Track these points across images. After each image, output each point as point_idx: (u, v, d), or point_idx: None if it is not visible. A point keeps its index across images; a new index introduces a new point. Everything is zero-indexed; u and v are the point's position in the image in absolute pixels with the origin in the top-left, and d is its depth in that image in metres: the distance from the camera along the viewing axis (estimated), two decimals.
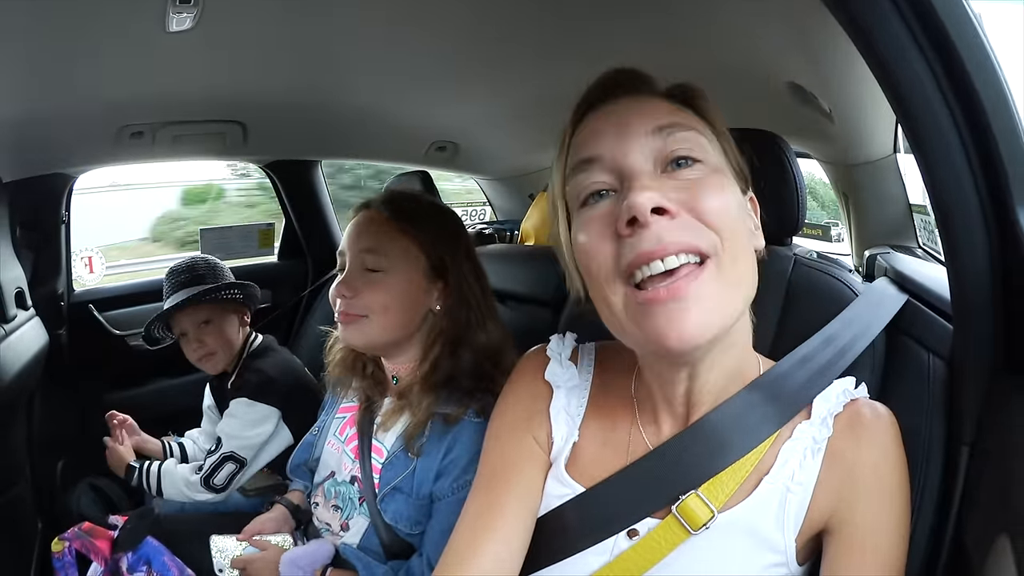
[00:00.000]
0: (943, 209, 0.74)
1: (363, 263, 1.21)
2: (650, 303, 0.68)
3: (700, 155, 0.72)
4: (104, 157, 2.20)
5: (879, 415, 0.80)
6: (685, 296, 0.67)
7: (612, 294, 0.72)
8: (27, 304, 1.86)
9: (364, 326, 1.20)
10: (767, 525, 0.76)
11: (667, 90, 0.80)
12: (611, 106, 0.77)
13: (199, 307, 1.80)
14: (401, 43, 1.58)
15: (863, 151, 1.63)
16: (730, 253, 0.69)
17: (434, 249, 1.24)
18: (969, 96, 0.68)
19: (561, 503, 0.85)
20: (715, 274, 0.69)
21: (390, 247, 1.22)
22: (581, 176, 0.74)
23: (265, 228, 2.79)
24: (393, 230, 1.23)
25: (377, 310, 1.19)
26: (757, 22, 1.32)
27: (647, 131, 0.71)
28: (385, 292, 1.19)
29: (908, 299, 0.98)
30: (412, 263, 1.22)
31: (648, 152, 0.71)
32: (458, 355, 1.21)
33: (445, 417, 1.15)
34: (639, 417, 0.86)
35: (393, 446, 1.21)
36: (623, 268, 0.70)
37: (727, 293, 0.70)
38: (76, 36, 1.32)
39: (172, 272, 1.87)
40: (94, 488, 1.80)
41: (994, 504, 0.70)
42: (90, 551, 1.34)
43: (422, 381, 1.20)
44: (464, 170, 3.07)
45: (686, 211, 0.69)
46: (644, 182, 0.69)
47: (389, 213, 1.25)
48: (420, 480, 1.15)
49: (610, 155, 0.72)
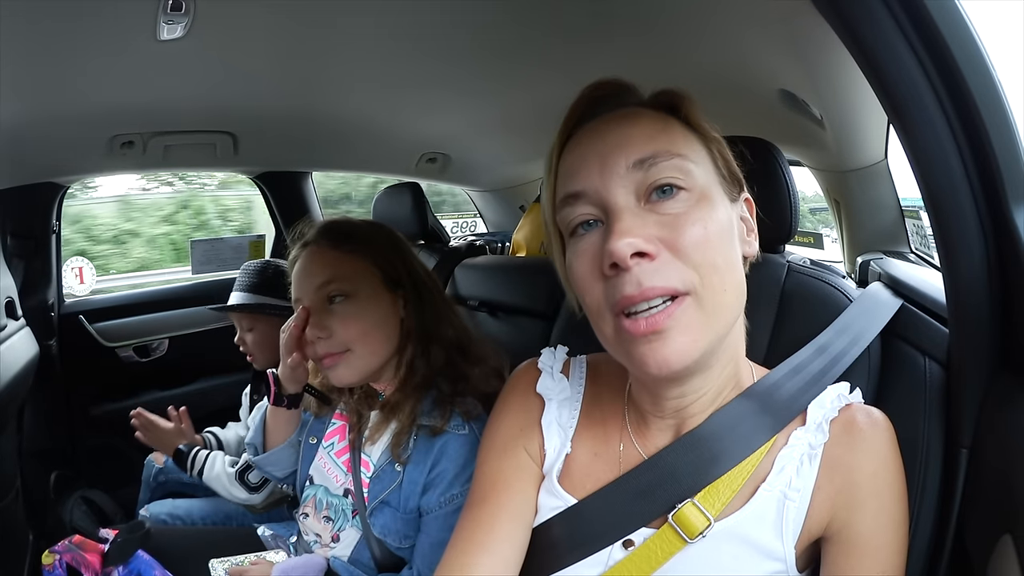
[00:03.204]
0: (938, 211, 0.75)
1: (325, 297, 1.20)
2: (631, 334, 0.70)
3: (684, 183, 0.71)
4: (95, 166, 2.20)
5: (875, 421, 0.79)
6: (664, 328, 0.69)
7: (604, 324, 0.74)
8: (17, 314, 1.85)
9: (351, 361, 1.19)
10: (765, 533, 0.76)
11: (652, 98, 0.80)
12: (596, 124, 0.77)
13: (243, 315, 1.82)
14: (391, 55, 1.58)
15: (854, 157, 1.64)
16: (710, 288, 0.70)
17: (385, 261, 1.24)
18: (963, 97, 0.68)
19: (554, 515, 0.85)
20: (694, 307, 0.70)
21: (346, 271, 1.21)
22: (568, 210, 0.75)
23: (255, 240, 2.79)
24: (341, 256, 1.22)
25: (357, 339, 1.18)
26: (747, 30, 1.33)
27: (627, 165, 0.71)
28: (357, 320, 1.19)
29: (903, 303, 0.98)
30: (371, 280, 1.22)
31: (630, 186, 0.71)
32: (429, 352, 1.22)
33: (431, 429, 1.15)
34: (631, 428, 0.86)
35: (380, 459, 1.21)
36: (611, 304, 0.71)
37: (707, 322, 0.71)
38: (67, 44, 1.31)
39: (243, 270, 1.89)
40: (87, 501, 1.79)
41: (995, 505, 0.70)
42: (80, 564, 1.33)
43: (401, 385, 1.21)
44: (455, 181, 3.07)
45: (667, 248, 0.69)
46: (625, 223, 0.69)
47: (330, 242, 1.24)
48: (407, 494, 1.14)
49: (593, 190, 0.72)
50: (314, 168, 2.79)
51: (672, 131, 0.75)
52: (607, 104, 0.78)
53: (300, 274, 1.24)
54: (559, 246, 0.80)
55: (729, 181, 0.78)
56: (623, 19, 1.34)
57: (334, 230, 1.27)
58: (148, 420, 1.75)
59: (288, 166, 2.67)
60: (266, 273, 1.87)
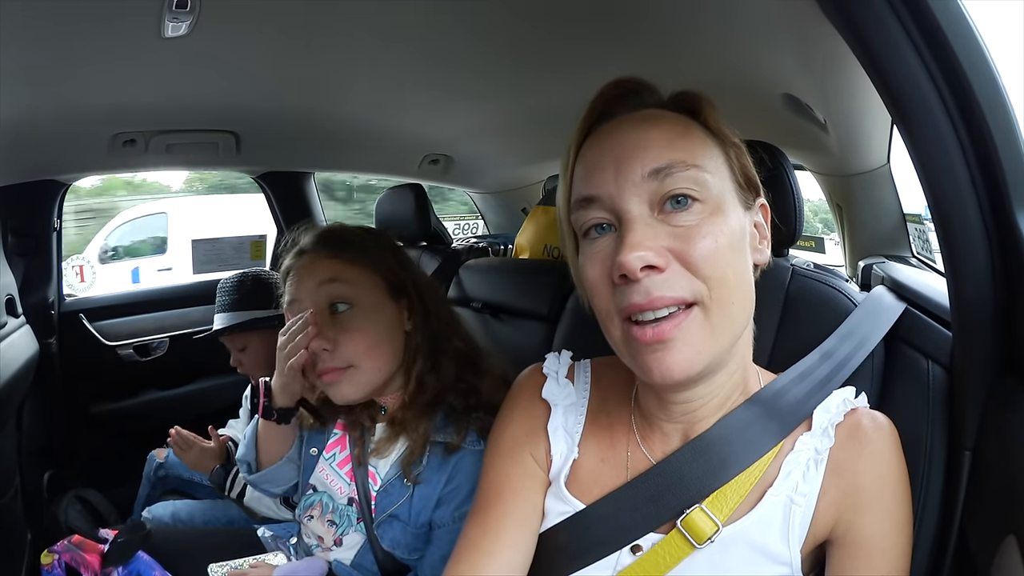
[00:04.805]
0: (943, 215, 0.75)
1: (327, 302, 1.13)
2: (638, 341, 0.71)
3: (698, 194, 0.71)
4: (96, 164, 2.20)
5: (879, 425, 0.80)
6: (670, 338, 0.69)
7: (613, 328, 0.74)
8: (17, 312, 1.85)
9: (355, 377, 1.13)
10: (772, 538, 0.76)
11: (672, 100, 0.80)
12: (613, 125, 0.76)
13: (232, 336, 1.80)
14: (395, 56, 1.59)
15: (857, 161, 1.64)
16: (718, 300, 0.70)
17: (387, 270, 1.18)
18: (968, 102, 0.69)
19: (562, 521, 0.85)
20: (701, 319, 0.70)
21: (349, 277, 1.14)
22: (582, 212, 0.75)
23: (257, 239, 2.79)
24: (342, 264, 1.15)
25: (362, 354, 1.12)
26: (752, 34, 1.33)
27: (643, 175, 0.71)
28: (363, 333, 1.12)
29: (906, 307, 0.98)
30: (374, 290, 1.16)
31: (644, 195, 0.71)
32: (439, 367, 1.16)
33: (445, 446, 1.11)
34: (638, 433, 0.86)
35: (388, 473, 1.17)
36: (619, 309, 0.72)
37: (714, 334, 0.71)
38: (70, 41, 1.31)
39: (220, 289, 1.86)
40: (81, 500, 1.78)
41: (998, 507, 0.71)
42: (80, 564, 1.32)
43: (411, 403, 1.16)
44: (457, 183, 3.07)
45: (677, 260, 0.70)
46: (637, 235, 0.69)
47: (329, 251, 1.17)
48: (418, 509, 1.12)
49: (607, 196, 0.72)
50: (316, 168, 2.79)
51: (691, 137, 0.74)
52: (626, 103, 0.79)
53: (298, 275, 1.17)
54: (572, 245, 0.81)
55: (745, 188, 0.78)
56: (626, 22, 1.35)
57: (333, 238, 1.20)
58: (185, 438, 1.74)
59: (290, 166, 2.67)
60: (244, 286, 1.84)
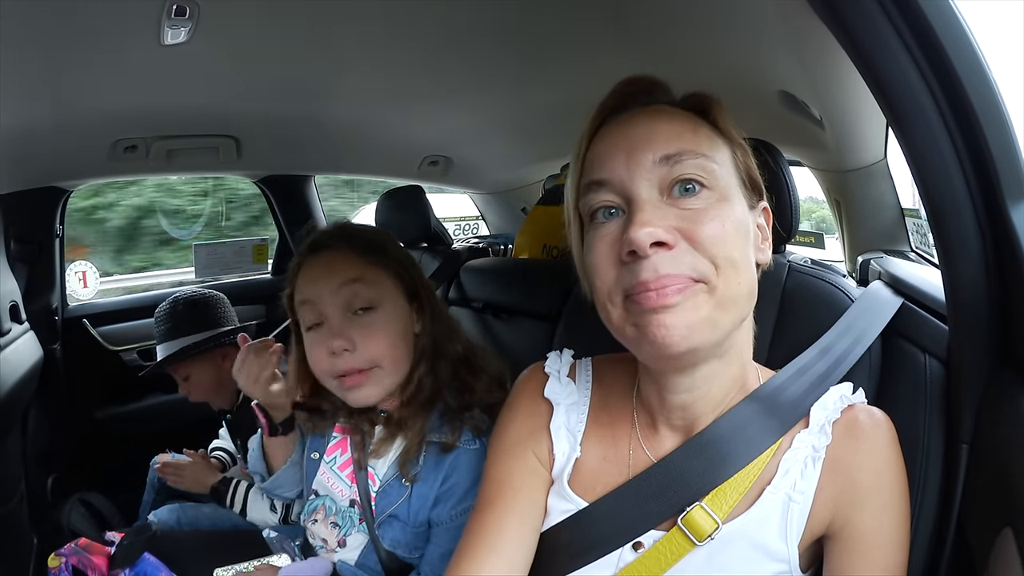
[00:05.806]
0: (936, 210, 0.75)
1: (346, 303, 1.10)
2: (640, 306, 0.70)
3: (707, 181, 0.72)
4: (98, 170, 2.20)
5: (876, 420, 0.80)
6: (673, 303, 0.69)
7: (612, 307, 0.74)
8: (21, 318, 1.86)
9: (379, 378, 1.11)
10: (771, 535, 0.77)
11: (682, 99, 0.81)
12: (625, 118, 0.77)
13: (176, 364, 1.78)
14: (394, 59, 1.59)
15: (854, 157, 1.65)
16: (723, 279, 0.71)
17: (405, 272, 1.18)
18: (960, 99, 0.69)
19: (565, 518, 0.85)
20: (706, 295, 0.71)
21: (372, 278, 1.13)
22: (591, 195, 0.76)
23: (259, 243, 2.80)
24: (365, 264, 1.13)
25: (386, 354, 1.11)
26: (747, 32, 1.33)
27: (654, 160, 0.72)
28: (385, 332, 1.11)
29: (903, 302, 0.99)
30: (393, 292, 1.15)
31: (654, 180, 0.72)
32: (438, 368, 1.17)
33: (441, 446, 1.12)
34: (639, 431, 0.86)
35: (386, 474, 1.17)
36: (623, 288, 0.72)
37: (715, 312, 0.71)
38: (70, 48, 1.31)
39: (155, 319, 1.84)
40: (85, 504, 1.79)
41: (996, 499, 0.71)
42: (87, 567, 1.32)
43: (408, 403, 1.15)
44: (457, 184, 3.08)
45: (684, 239, 0.70)
46: (646, 214, 0.70)
47: (352, 249, 1.14)
48: (417, 508, 1.13)
49: (618, 180, 0.73)
50: (317, 171, 2.81)
51: (699, 132, 0.76)
52: (638, 100, 0.80)
53: (316, 272, 1.13)
54: (578, 231, 0.81)
55: (749, 188, 0.79)
56: (623, 23, 1.35)
57: (356, 236, 1.18)
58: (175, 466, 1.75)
59: (291, 169, 2.68)
60: (176, 312, 1.82)
